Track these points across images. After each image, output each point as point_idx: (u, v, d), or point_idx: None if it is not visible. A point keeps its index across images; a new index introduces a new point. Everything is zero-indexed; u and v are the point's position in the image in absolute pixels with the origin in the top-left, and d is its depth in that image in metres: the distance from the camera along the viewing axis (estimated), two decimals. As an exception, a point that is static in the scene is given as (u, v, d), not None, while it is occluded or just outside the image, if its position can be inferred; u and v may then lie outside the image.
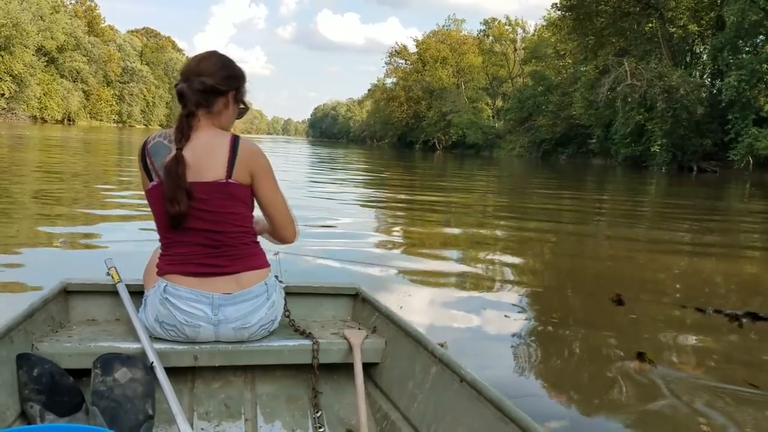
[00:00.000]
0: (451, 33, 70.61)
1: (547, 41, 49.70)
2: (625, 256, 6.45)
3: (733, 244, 7.98)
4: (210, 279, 1.88)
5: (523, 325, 3.51)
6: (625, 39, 36.22)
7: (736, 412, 2.44)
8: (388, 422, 1.89)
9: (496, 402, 1.51)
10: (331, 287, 2.45)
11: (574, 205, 12.47)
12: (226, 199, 1.88)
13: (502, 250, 6.15)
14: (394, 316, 2.12)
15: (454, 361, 1.76)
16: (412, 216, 8.61)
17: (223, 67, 1.95)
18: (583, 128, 38.43)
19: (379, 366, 2.09)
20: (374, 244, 5.91)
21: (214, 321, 1.87)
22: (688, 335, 3.58)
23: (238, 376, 2.00)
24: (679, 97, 29.31)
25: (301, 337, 2.04)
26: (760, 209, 14.55)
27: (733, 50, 30.58)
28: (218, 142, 1.89)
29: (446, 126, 60.36)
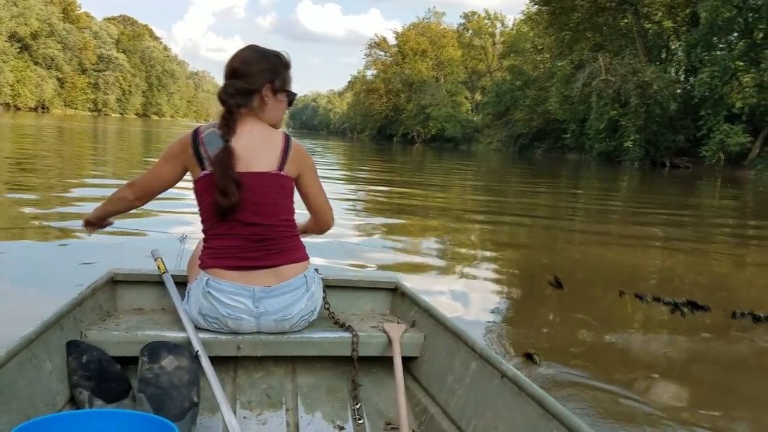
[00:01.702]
0: (431, 26, 70.63)
1: (525, 36, 50.05)
2: (584, 247, 6.84)
3: (695, 238, 8.37)
4: (251, 272, 1.92)
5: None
6: (601, 34, 36.64)
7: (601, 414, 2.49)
8: (428, 416, 1.90)
9: (538, 398, 1.50)
10: (370, 281, 2.47)
11: (546, 200, 12.81)
12: (275, 191, 1.93)
13: (473, 243, 6.46)
14: (434, 311, 2.13)
15: (494, 356, 1.76)
16: (389, 211, 8.87)
17: (257, 62, 1.97)
18: (558, 123, 38.80)
19: (418, 360, 2.10)
20: (354, 236, 6.19)
21: (255, 313, 1.91)
22: (611, 321, 3.86)
23: (279, 366, 2.04)
24: (652, 92, 29.74)
25: (340, 330, 2.07)
26: (726, 205, 15.07)
27: (706, 47, 31.11)
28: (271, 136, 1.97)
29: (425, 119, 60.48)
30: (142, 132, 37.92)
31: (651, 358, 3.31)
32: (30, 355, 1.58)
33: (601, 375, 2.88)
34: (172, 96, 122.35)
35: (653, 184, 21.16)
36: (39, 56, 73.65)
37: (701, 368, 3.26)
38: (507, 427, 1.58)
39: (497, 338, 3.32)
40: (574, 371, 2.88)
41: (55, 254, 4.47)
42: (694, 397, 2.82)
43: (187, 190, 2.20)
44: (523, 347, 3.10)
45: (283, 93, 2.02)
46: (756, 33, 30.04)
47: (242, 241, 1.92)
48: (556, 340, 3.38)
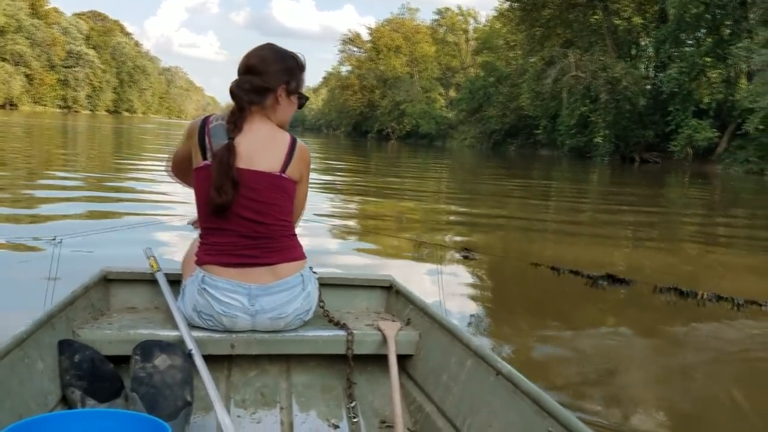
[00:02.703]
0: (405, 22, 70.71)
1: (497, 32, 50.34)
2: (552, 242, 7.09)
3: (657, 229, 8.73)
4: (247, 270, 1.91)
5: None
6: (571, 30, 36.98)
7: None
8: (423, 414, 1.90)
9: (533, 395, 1.50)
10: (365, 279, 2.47)
11: (518, 193, 13.10)
12: (276, 191, 1.92)
13: (448, 241, 6.63)
14: (429, 309, 2.13)
15: (489, 353, 1.77)
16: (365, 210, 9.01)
17: (274, 62, 1.96)
18: (531, 119, 39.12)
19: (414, 358, 2.10)
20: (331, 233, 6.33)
21: (251, 311, 1.90)
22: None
23: (273, 364, 2.03)
24: (622, 88, 30.20)
25: (335, 328, 2.06)
26: (693, 196, 15.49)
27: (675, 43, 31.68)
28: (278, 137, 1.96)
29: (400, 115, 60.55)
30: (113, 129, 37.48)
31: (559, 317, 3.79)
32: (22, 355, 1.57)
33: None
34: (143, 93, 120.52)
35: (622, 179, 21.60)
36: (6, 52, 72.05)
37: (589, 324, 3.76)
38: (502, 424, 1.59)
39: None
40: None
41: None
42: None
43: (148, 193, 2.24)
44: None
45: (296, 95, 2.03)
46: (723, 29, 30.69)
47: (240, 238, 1.91)
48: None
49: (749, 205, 15.10)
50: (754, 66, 25.73)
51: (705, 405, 2.72)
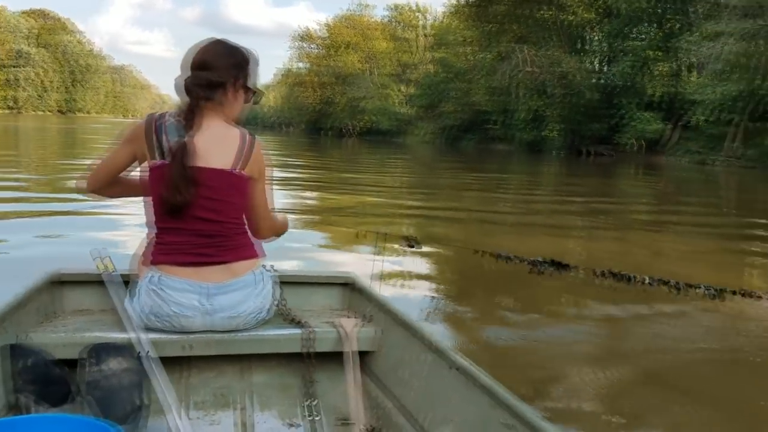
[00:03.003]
0: (359, 18, 70.48)
1: (451, 28, 50.68)
2: (508, 234, 7.31)
3: (608, 219, 9.00)
4: (202, 268, 1.88)
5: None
6: (523, 26, 37.37)
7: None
8: (383, 410, 1.90)
9: (488, 388, 1.52)
10: (325, 276, 2.45)
11: (474, 186, 13.34)
12: (230, 189, 1.91)
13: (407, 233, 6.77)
14: (389, 305, 2.12)
15: (448, 348, 1.76)
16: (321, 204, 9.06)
17: (225, 56, 1.94)
18: (486, 114, 39.53)
19: (374, 355, 2.10)
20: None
21: (206, 311, 1.87)
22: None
23: (231, 365, 1.99)
24: (573, 83, 30.86)
25: (294, 326, 2.04)
26: (637, 190, 16.00)
27: (623, 37, 32.52)
28: (230, 133, 1.93)
29: (357, 112, 60.38)
30: (61, 130, 36.51)
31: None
32: None
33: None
34: (95, 92, 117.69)
35: (574, 172, 22.11)
36: (-54, 52, 69.55)
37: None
38: (461, 418, 1.60)
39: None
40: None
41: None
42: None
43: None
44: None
45: (248, 90, 2.00)
46: (671, 23, 31.61)
47: (194, 237, 1.88)
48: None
49: (695, 194, 15.69)
50: (699, 59, 26.61)
51: (643, 388, 2.88)
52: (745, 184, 19.51)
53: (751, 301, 4.21)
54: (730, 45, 23.07)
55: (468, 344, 3.26)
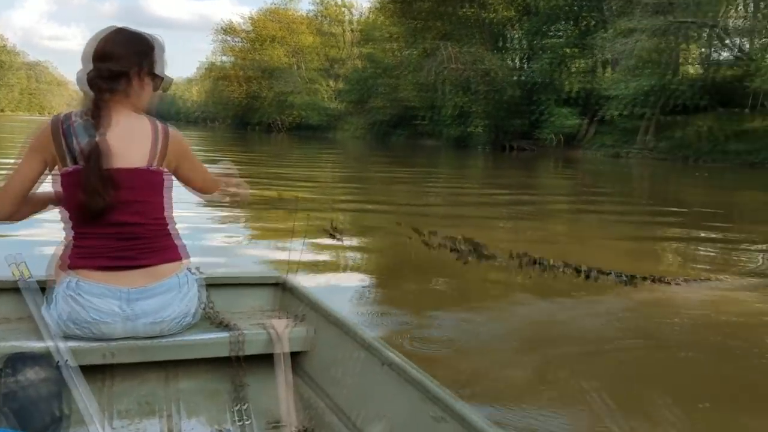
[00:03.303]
0: (284, 11, 69.53)
1: (377, 24, 50.80)
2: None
3: (531, 209, 9.36)
4: (122, 273, 1.80)
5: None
6: (447, 23, 37.74)
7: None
8: (316, 411, 1.89)
9: (419, 382, 1.53)
10: (255, 276, 2.41)
11: (403, 180, 13.56)
12: (147, 188, 1.84)
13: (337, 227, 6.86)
14: (322, 304, 2.10)
15: (380, 344, 1.76)
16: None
17: (126, 44, 1.85)
18: (415, 110, 39.75)
19: (307, 355, 2.07)
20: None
21: (127, 316, 1.80)
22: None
23: (155, 372, 1.93)
24: (494, 79, 31.60)
25: (222, 330, 1.98)
26: (557, 182, 16.63)
27: (541, 35, 33.52)
28: (139, 126, 1.84)
29: (285, 107, 59.63)
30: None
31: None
32: None
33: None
34: (8, 89, 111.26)
35: (498, 166, 22.74)
36: None
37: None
38: (393, 413, 1.61)
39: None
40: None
41: None
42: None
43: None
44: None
45: (154, 77, 1.92)
46: (588, 21, 32.79)
47: (113, 240, 1.80)
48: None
49: (610, 185, 16.47)
50: (613, 55, 27.76)
51: (556, 374, 3.05)
52: (656, 175, 20.62)
53: (661, 286, 4.51)
54: (642, 41, 24.18)
55: (396, 337, 3.39)
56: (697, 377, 3.11)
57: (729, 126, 25.89)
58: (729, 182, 18.19)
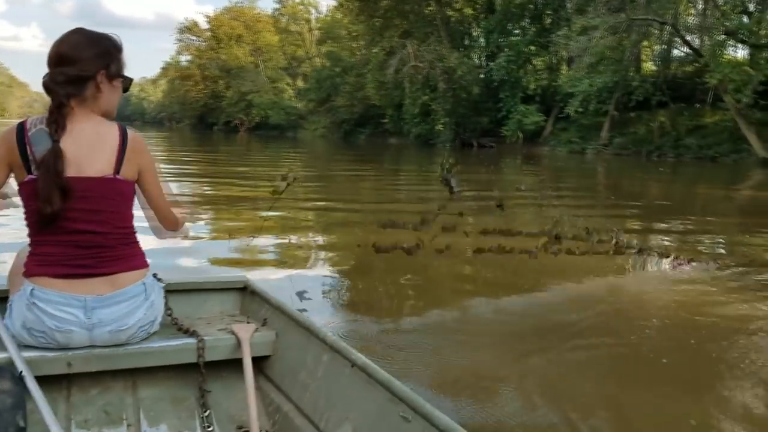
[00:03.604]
0: (245, 10, 68.87)
1: (339, 22, 50.71)
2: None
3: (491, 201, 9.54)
4: (82, 281, 1.76)
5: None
6: (408, 21, 37.85)
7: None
8: (281, 414, 1.88)
9: (386, 384, 1.54)
10: (217, 281, 2.40)
11: (368, 179, 13.61)
12: (111, 197, 1.79)
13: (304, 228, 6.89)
14: (285, 307, 2.10)
15: (345, 346, 1.77)
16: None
17: (88, 46, 1.79)
18: (378, 108, 39.79)
19: (271, 359, 2.07)
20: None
21: (87, 325, 1.76)
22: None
23: (117, 380, 1.91)
24: (457, 78, 31.77)
25: (185, 336, 1.97)
26: (520, 178, 16.86)
27: (502, 32, 33.86)
28: (105, 132, 1.78)
29: (247, 106, 59.13)
30: None
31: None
32: None
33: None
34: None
35: (462, 164, 22.91)
36: None
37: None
38: (358, 415, 1.62)
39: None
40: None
41: None
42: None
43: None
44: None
45: (119, 79, 1.86)
46: (545, 18, 33.28)
47: (71, 248, 1.76)
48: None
49: (569, 181, 16.75)
50: (572, 52, 28.22)
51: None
52: (616, 170, 21.04)
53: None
54: (598, 38, 24.63)
55: (358, 338, 3.40)
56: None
57: (688, 121, 26.60)
58: (690, 177, 18.70)
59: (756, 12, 24.25)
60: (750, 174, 19.04)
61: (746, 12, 24.24)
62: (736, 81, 21.33)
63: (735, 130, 23.83)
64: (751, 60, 23.86)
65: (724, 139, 24.33)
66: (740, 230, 8.21)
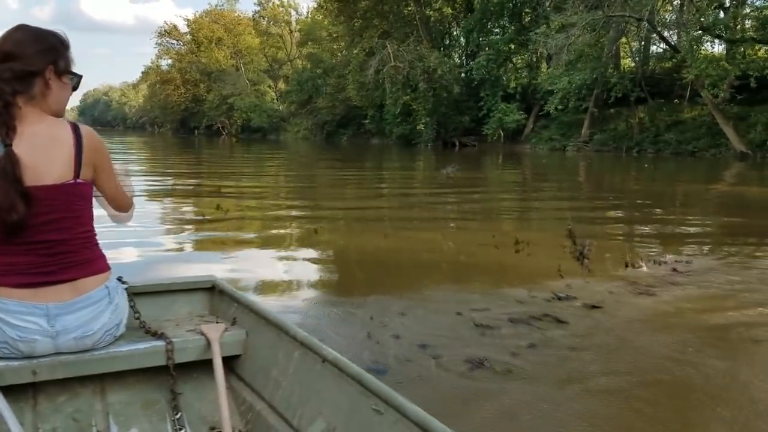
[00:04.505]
0: (225, 13, 68.55)
1: (319, 24, 50.67)
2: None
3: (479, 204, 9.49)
4: (43, 288, 1.71)
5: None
6: (387, 22, 37.90)
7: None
8: (254, 413, 1.87)
9: (357, 377, 1.55)
10: (185, 282, 2.36)
11: (350, 181, 13.53)
12: (74, 203, 1.74)
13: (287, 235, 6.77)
14: (254, 306, 2.08)
15: (316, 342, 1.76)
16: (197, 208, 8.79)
17: (33, 42, 1.72)
18: (360, 109, 39.86)
19: (241, 358, 2.05)
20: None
21: (51, 333, 1.72)
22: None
23: (85, 386, 1.87)
24: (437, 77, 31.82)
25: (153, 339, 1.95)
26: (502, 177, 16.89)
27: (482, 31, 33.94)
28: (60, 135, 1.71)
29: (229, 110, 58.90)
30: None
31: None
32: None
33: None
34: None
35: (444, 163, 22.89)
36: None
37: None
38: (331, 410, 1.62)
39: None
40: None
41: None
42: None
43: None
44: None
45: (68, 75, 1.80)
46: (524, 16, 33.38)
47: (33, 256, 1.71)
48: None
49: (552, 179, 16.78)
50: (551, 50, 28.31)
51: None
52: (597, 167, 21.14)
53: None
54: (576, 36, 24.73)
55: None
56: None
57: (667, 117, 26.81)
58: (670, 172, 18.80)
59: (731, 7, 24.50)
60: (729, 168, 19.25)
61: (722, 7, 24.47)
62: (713, 76, 21.50)
63: (713, 125, 24.07)
64: (728, 55, 24.10)
65: (702, 134, 24.57)
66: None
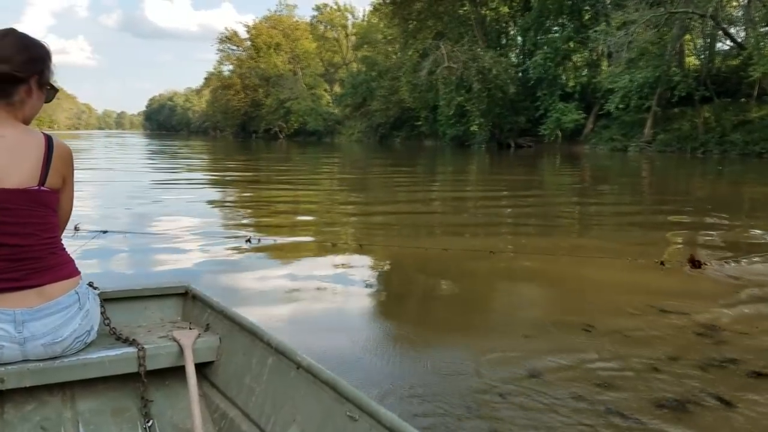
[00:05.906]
0: (283, 18, 69.87)
1: (375, 27, 50.88)
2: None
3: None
4: (10, 294, 1.69)
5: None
6: (442, 22, 37.79)
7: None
8: (227, 420, 1.85)
9: (331, 383, 1.54)
10: (157, 288, 2.32)
11: (404, 183, 13.32)
12: (35, 209, 1.71)
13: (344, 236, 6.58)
14: (228, 312, 2.06)
15: (290, 348, 1.74)
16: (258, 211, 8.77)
17: (22, 49, 1.71)
18: (413, 111, 39.90)
19: (215, 364, 2.03)
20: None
21: (18, 339, 1.69)
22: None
23: (54, 394, 1.84)
24: (492, 77, 31.33)
25: (124, 345, 1.92)
26: (560, 180, 16.30)
27: (539, 30, 33.23)
28: (29, 141, 1.70)
29: (286, 113, 59.98)
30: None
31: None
32: None
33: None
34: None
35: (499, 166, 22.38)
36: None
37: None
38: (305, 416, 1.61)
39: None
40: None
41: None
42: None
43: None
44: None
45: (48, 87, 1.80)
46: (583, 14, 32.51)
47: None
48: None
49: (614, 182, 16.03)
50: (612, 48, 27.43)
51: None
52: (663, 169, 20.12)
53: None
54: (638, 33, 23.86)
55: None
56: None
57: (733, 116, 25.50)
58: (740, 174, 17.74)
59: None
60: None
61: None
62: (781, 73, 20.31)
63: (782, 125, 22.71)
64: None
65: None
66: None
